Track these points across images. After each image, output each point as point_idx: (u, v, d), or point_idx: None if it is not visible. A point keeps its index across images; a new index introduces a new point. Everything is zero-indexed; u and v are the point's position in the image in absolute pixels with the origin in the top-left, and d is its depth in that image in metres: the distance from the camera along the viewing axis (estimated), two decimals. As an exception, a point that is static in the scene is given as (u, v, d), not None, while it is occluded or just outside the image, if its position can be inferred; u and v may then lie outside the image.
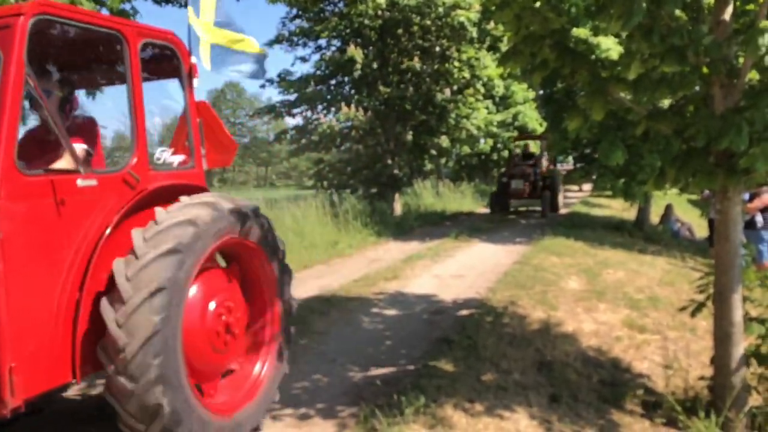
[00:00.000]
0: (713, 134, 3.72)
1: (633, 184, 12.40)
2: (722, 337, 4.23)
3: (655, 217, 16.51)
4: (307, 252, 10.70)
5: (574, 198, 24.98)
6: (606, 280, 8.39)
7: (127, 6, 5.98)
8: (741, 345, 4.21)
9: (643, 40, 3.68)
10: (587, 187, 28.19)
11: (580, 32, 10.41)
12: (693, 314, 4.59)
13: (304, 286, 8.36)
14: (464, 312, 6.60)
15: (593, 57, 4.51)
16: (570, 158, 26.72)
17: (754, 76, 4.03)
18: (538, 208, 17.75)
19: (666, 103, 5.30)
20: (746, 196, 9.48)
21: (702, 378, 4.65)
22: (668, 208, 15.85)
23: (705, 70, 3.93)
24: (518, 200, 18.41)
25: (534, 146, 27.13)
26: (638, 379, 5.09)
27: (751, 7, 4.10)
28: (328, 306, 6.96)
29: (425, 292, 7.60)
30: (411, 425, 3.75)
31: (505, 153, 25.73)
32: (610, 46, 8.87)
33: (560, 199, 18.54)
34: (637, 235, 13.73)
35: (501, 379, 4.66)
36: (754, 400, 4.35)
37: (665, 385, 4.83)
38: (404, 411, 3.85)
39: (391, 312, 6.73)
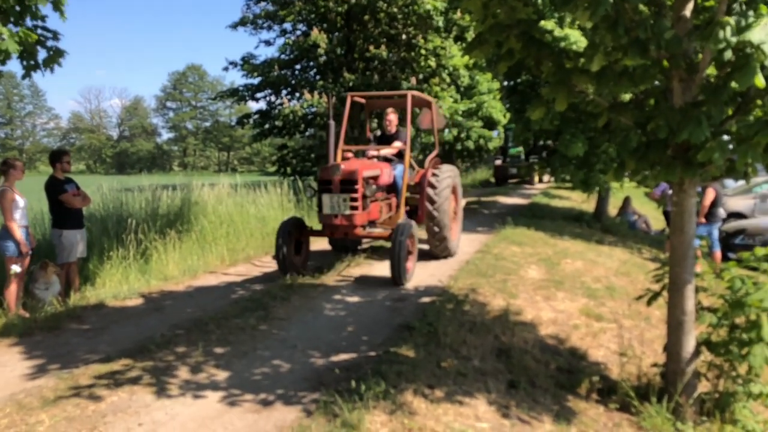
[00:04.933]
0: (673, 127, 3.80)
1: (592, 176, 12.67)
2: (675, 325, 4.35)
3: (613, 209, 16.89)
4: (269, 238, 10.60)
5: (533, 190, 25.31)
6: (565, 269, 8.53)
7: None
8: (692, 334, 4.34)
9: (607, 32, 3.73)
10: (546, 179, 28.64)
11: (546, 24, 10.57)
12: (649, 303, 4.71)
13: (266, 272, 8.30)
14: (426, 299, 6.63)
15: (558, 48, 4.54)
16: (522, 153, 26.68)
17: (711, 71, 4.13)
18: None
19: (627, 96, 5.40)
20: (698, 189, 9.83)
21: (655, 365, 4.78)
22: (626, 201, 16.25)
23: (666, 64, 4.01)
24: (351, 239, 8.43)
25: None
26: (594, 366, 5.21)
27: (710, 3, 4.19)
28: (290, 292, 6.90)
29: (388, 280, 7.61)
30: (371, 411, 3.75)
31: (470, 143, 25.79)
32: (577, 38, 9.03)
33: (454, 231, 9.16)
34: (595, 226, 14.01)
35: (460, 366, 4.70)
36: (704, 387, 4.49)
37: (620, 372, 4.94)
38: (364, 396, 3.85)
39: (354, 299, 6.72)
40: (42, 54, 6.19)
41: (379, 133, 9.17)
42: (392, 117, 9.05)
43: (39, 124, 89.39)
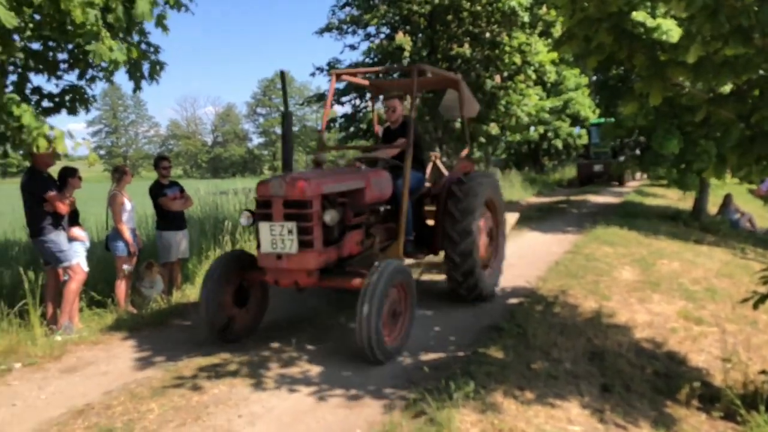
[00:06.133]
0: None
1: (688, 173, 12.04)
2: (785, 329, 4.09)
3: (713, 207, 15.98)
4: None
5: (625, 189, 24.31)
6: (660, 270, 8.19)
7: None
8: (805, 338, 4.07)
9: (706, 21, 3.56)
10: (638, 176, 27.43)
11: (638, 15, 10.17)
12: (755, 306, 4.44)
13: (353, 272, 8.46)
14: (514, 300, 6.55)
15: (651, 40, 4.37)
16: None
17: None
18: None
19: (727, 88, 5.12)
20: None
21: (763, 372, 4.51)
22: (727, 198, 15.33)
23: (772, 52, 3.78)
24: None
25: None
26: (694, 372, 4.98)
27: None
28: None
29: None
30: (460, 410, 3.76)
31: (558, 142, 25.14)
32: (670, 27, 8.62)
33: (491, 263, 6.89)
34: (693, 225, 13.33)
35: (551, 368, 4.62)
36: (819, 396, 4.19)
37: (723, 378, 4.70)
38: (453, 396, 3.87)
39: (441, 298, 6.73)
40: (146, 67, 6.62)
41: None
42: (395, 104, 6.51)
43: (141, 132, 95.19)
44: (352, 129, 17.04)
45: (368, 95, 16.25)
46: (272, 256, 4.89)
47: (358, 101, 17.19)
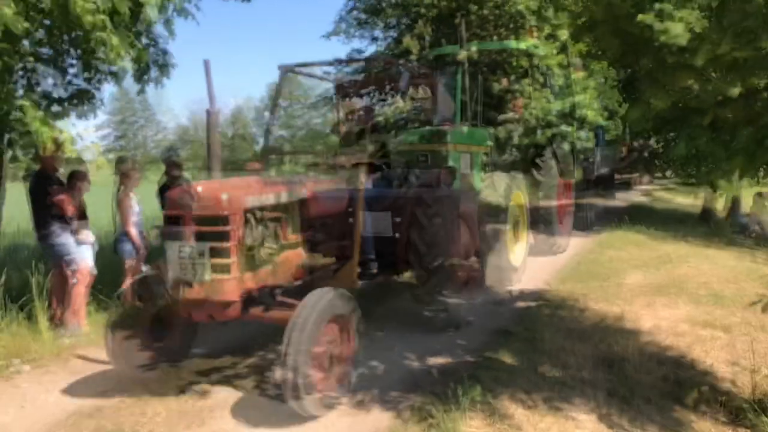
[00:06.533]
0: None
1: (698, 176, 11.98)
2: (795, 334, 4.05)
3: (723, 210, 15.90)
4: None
5: (633, 193, 24.21)
6: (668, 274, 8.15)
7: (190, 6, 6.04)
8: (815, 343, 4.03)
9: (714, 23, 3.55)
10: (645, 180, 27.31)
11: (645, 18, 10.14)
12: (764, 310, 4.40)
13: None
14: (522, 304, 6.53)
15: (659, 43, 4.36)
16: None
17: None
18: None
19: (736, 91, 5.09)
20: None
21: (772, 376, 4.48)
22: (735, 202, 15.24)
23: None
24: None
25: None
26: (702, 377, 4.93)
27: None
28: (387, 294, 7.00)
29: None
30: (467, 415, 3.76)
31: (565, 145, 25.03)
32: (679, 33, 8.60)
33: (468, 286, 6.16)
34: (701, 229, 13.25)
35: (559, 373, 4.61)
36: (829, 401, 4.15)
37: (731, 383, 4.66)
38: (461, 401, 3.86)
39: (450, 302, 6.68)
40: (154, 71, 6.64)
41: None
42: (354, 104, 6.03)
43: (149, 135, 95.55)
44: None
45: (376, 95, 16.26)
46: (180, 283, 4.00)
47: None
